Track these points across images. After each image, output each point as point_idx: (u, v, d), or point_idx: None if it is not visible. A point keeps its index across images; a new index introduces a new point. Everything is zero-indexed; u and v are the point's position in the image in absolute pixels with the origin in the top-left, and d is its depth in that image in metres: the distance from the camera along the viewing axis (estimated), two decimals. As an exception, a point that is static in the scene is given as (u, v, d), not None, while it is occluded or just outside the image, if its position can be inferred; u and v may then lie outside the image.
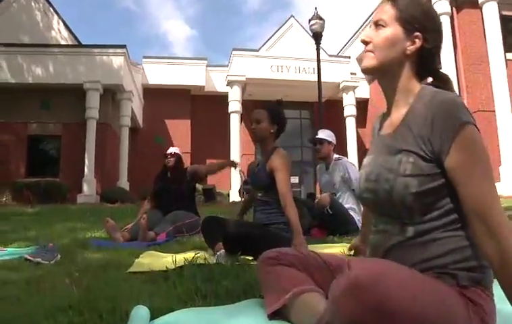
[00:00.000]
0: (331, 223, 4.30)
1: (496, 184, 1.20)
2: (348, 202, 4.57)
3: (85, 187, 16.94)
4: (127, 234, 4.40)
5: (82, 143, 17.20)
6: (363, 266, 1.06)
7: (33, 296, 1.98)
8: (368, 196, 1.35)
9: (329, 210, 4.28)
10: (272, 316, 1.45)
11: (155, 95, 23.91)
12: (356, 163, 21.14)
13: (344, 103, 22.59)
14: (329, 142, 4.86)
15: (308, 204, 4.79)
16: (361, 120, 24.21)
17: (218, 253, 2.82)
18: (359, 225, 4.24)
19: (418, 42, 1.30)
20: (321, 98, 13.78)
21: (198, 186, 19.59)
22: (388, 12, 1.33)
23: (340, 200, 4.60)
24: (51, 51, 17.93)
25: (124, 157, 20.21)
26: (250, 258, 2.85)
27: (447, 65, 17.40)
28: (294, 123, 26.25)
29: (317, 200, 4.52)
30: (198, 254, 2.78)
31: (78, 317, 1.56)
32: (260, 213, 3.10)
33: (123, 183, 19.67)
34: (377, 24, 1.34)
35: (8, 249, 3.88)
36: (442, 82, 1.34)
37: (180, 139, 23.89)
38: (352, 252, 2.48)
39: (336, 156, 4.84)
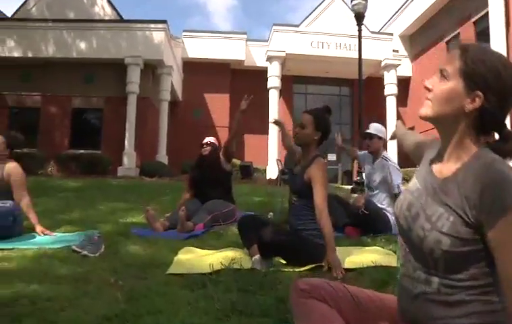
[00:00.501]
0: (365, 222, 4.33)
1: None
2: (384, 202, 4.56)
3: (125, 160, 17.41)
4: (166, 222, 4.55)
5: (122, 117, 17.61)
6: None
7: (81, 299, 2.13)
8: (403, 224, 1.37)
9: (364, 211, 4.30)
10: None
11: (195, 69, 24.08)
12: (395, 142, 20.82)
13: (385, 82, 22.14)
14: (380, 138, 4.81)
15: (343, 202, 4.80)
16: (401, 98, 23.71)
17: (254, 258, 2.91)
18: (393, 225, 4.26)
19: (478, 102, 1.22)
20: (362, 77, 13.55)
21: (236, 162, 19.84)
22: (454, 63, 1.27)
23: (377, 198, 4.60)
24: (95, 26, 18.35)
25: (163, 131, 20.58)
26: (284, 262, 2.94)
27: (496, 41, 16.72)
28: (333, 99, 25.97)
29: (352, 200, 4.53)
30: (234, 260, 2.88)
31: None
32: (293, 218, 3.14)
33: (162, 156, 20.09)
34: (441, 73, 1.30)
35: (57, 234, 4.12)
36: (505, 141, 1.26)
37: (218, 113, 24.13)
38: None
39: (384, 153, 4.79)
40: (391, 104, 21.85)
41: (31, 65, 17.83)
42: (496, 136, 1.28)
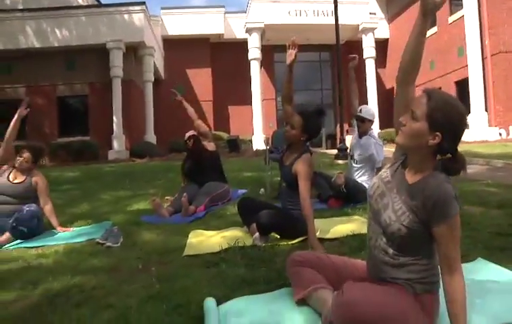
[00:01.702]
0: (346, 196, 4.94)
1: None
2: (365, 176, 5.13)
3: (115, 144, 17.82)
4: (171, 209, 5.10)
5: (108, 101, 17.92)
6: (350, 292, 1.73)
7: (121, 285, 2.67)
8: (374, 206, 1.93)
9: (343, 189, 4.90)
10: (298, 302, 2.13)
11: (175, 46, 24.27)
12: (375, 105, 21.43)
13: (364, 45, 22.59)
14: (370, 121, 5.28)
15: (326, 178, 5.35)
16: (380, 60, 24.22)
17: (254, 236, 3.48)
18: None
19: (437, 139, 1.72)
20: (339, 42, 13.98)
21: (223, 135, 20.33)
22: (422, 108, 1.75)
23: (359, 171, 5.18)
24: (73, 13, 18.46)
25: (149, 112, 20.95)
26: (278, 236, 3.52)
27: (470, 2, 17.27)
28: (314, 66, 26.42)
29: (333, 178, 5.08)
30: (238, 239, 3.47)
31: (162, 307, 2.23)
32: (284, 200, 3.70)
33: (150, 137, 20.51)
34: (412, 114, 1.78)
35: (75, 229, 4.61)
36: (456, 161, 1.79)
37: (201, 88, 24.43)
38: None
39: (371, 132, 5.27)
40: (370, 67, 22.36)
41: (11, 57, 17.97)
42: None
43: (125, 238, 3.90)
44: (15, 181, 4.47)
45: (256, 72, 21.90)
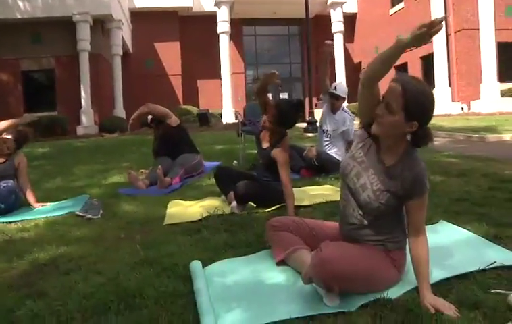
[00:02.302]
0: (317, 168, 5.16)
1: (477, 102, 1.98)
2: (336, 147, 5.35)
3: (84, 119, 17.55)
4: (146, 181, 5.19)
5: (75, 75, 17.57)
6: (328, 249, 1.88)
7: (107, 253, 2.79)
8: (351, 186, 2.09)
9: (315, 162, 5.12)
10: (278, 263, 2.32)
11: (143, 19, 23.85)
12: (344, 79, 21.73)
13: (332, 20, 22.73)
14: (343, 98, 5.50)
15: (299, 150, 5.54)
16: (348, 35, 24.46)
17: (232, 205, 3.65)
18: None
19: (414, 127, 1.90)
20: (309, 16, 14.11)
21: (193, 109, 20.25)
22: (397, 100, 1.87)
23: (331, 144, 5.41)
24: (37, -16, 17.81)
25: (118, 86, 20.65)
26: (255, 205, 3.69)
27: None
28: (282, 40, 26.47)
29: (305, 152, 5.27)
30: (217, 208, 3.64)
31: (150, 271, 2.37)
32: (261, 173, 3.86)
33: (120, 111, 20.26)
34: (387, 106, 1.91)
35: (50, 204, 4.63)
36: (425, 137, 1.97)
37: (170, 61, 24.17)
38: None
39: (344, 106, 5.53)
40: (338, 42, 22.55)
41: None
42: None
43: (105, 210, 3.99)
44: None
45: (225, 46, 21.80)
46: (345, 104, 5.68)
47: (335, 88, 5.50)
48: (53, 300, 2.10)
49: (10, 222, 3.92)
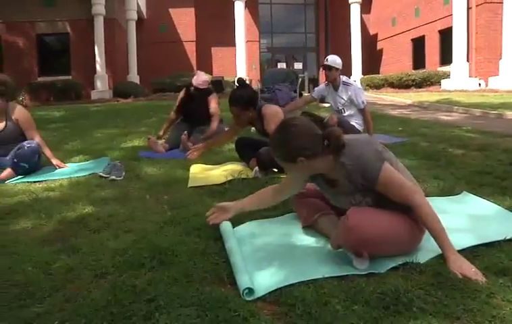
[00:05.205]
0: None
1: (495, 78, 1.97)
2: (353, 118, 5.38)
3: (98, 84, 17.60)
4: (166, 145, 5.25)
5: (90, 40, 17.56)
6: (354, 216, 1.91)
7: (134, 213, 2.84)
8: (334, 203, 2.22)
9: None
10: (304, 228, 2.38)
11: (158, -16, 23.66)
12: (359, 50, 21.46)
13: (349, -12, 22.31)
14: (337, 69, 5.55)
15: (317, 119, 5.53)
16: (365, 4, 24.01)
17: (255, 170, 3.71)
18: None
19: (303, 161, 1.97)
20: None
21: (208, 78, 20.15)
22: (283, 164, 2.12)
23: (347, 117, 5.43)
24: None
25: (132, 51, 20.62)
26: (276, 170, 3.73)
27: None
28: (298, 8, 26.11)
29: (325, 120, 5.26)
30: (241, 172, 3.70)
31: (179, 230, 2.42)
32: None
33: (134, 76, 20.28)
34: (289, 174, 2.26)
35: (68, 165, 4.63)
36: (332, 141, 2.00)
37: (184, 28, 24.04)
38: None
39: (344, 79, 5.53)
40: (355, 12, 22.14)
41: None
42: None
43: (128, 172, 4.04)
44: None
45: (240, 13, 21.56)
46: (359, 76, 5.79)
47: (327, 59, 5.66)
48: (87, 256, 2.15)
49: (35, 181, 3.98)
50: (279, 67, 23.50)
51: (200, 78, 5.73)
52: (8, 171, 4.19)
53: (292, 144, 1.98)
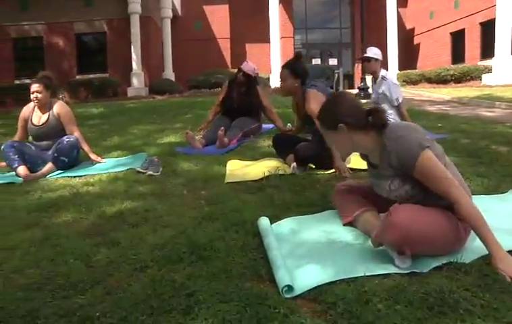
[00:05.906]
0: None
1: None
2: (390, 115, 5.25)
3: (134, 81, 17.90)
4: (203, 140, 5.27)
5: (126, 38, 17.86)
6: (397, 213, 1.85)
7: (172, 208, 2.86)
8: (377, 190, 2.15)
9: None
10: (345, 225, 2.32)
11: (192, -18, 23.84)
12: (395, 45, 21.04)
13: (386, -18, 21.87)
14: (376, 60, 5.48)
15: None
16: (402, -1, 23.49)
17: (292, 165, 3.67)
18: None
19: (345, 128, 2.01)
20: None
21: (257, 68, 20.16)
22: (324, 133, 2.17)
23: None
24: None
25: (168, 48, 20.84)
26: (314, 166, 3.68)
27: None
28: (333, 3, 25.84)
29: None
30: (278, 168, 3.68)
31: (217, 225, 2.42)
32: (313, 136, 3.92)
33: (169, 74, 20.51)
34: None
35: (106, 160, 4.70)
36: (374, 118, 2.03)
37: (218, 25, 24.14)
38: None
39: (383, 73, 5.43)
40: (391, 6, 21.68)
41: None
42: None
43: (165, 168, 4.08)
44: (40, 123, 4.56)
45: (274, 9, 21.47)
46: (395, 72, 5.69)
47: (365, 51, 5.66)
48: (126, 249, 2.18)
49: (74, 176, 4.07)
50: (313, 63, 23.34)
51: (250, 65, 5.78)
52: (49, 165, 4.33)
53: (336, 108, 2.07)
